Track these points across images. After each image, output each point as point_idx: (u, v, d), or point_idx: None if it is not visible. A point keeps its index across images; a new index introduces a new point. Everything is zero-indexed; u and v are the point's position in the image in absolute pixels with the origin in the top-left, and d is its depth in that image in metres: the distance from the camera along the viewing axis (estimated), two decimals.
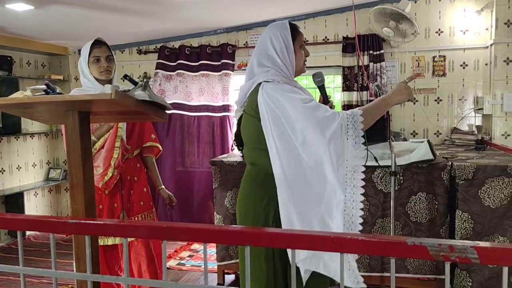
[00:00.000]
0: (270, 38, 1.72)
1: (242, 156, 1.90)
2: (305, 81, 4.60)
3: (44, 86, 1.47)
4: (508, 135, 3.77)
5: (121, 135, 2.30)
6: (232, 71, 4.57)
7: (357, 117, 1.55)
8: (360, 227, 1.56)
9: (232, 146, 4.58)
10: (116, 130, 2.27)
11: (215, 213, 3.14)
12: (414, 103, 4.17)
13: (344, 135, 1.55)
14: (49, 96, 1.39)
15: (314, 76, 1.78)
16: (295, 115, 1.57)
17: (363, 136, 1.58)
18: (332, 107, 1.74)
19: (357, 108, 1.61)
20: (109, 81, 2.27)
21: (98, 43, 2.24)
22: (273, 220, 1.66)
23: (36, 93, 1.46)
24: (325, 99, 1.74)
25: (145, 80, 1.45)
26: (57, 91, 1.48)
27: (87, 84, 2.26)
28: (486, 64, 3.98)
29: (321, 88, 1.77)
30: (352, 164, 1.57)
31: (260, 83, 1.67)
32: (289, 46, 1.71)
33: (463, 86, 4.08)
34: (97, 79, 2.24)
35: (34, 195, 4.83)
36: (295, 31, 1.76)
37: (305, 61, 1.79)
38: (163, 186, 2.59)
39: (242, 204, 1.79)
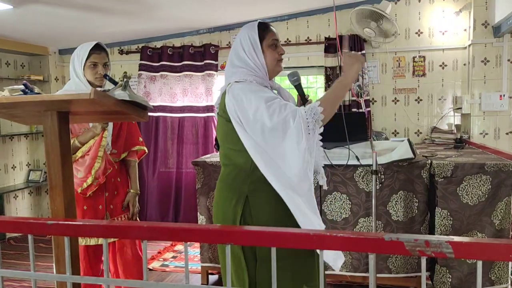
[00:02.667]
0: (240, 40, 1.75)
1: None
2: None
3: (22, 86, 1.45)
4: (486, 133, 3.86)
5: (105, 145, 2.27)
6: (216, 71, 4.57)
7: (315, 109, 1.55)
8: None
9: (215, 146, 4.58)
10: (101, 139, 2.25)
11: (198, 213, 3.13)
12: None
13: (305, 131, 1.54)
14: (27, 96, 1.37)
15: (289, 75, 1.79)
16: (254, 116, 1.58)
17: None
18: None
19: (316, 100, 1.61)
20: (101, 86, 2.26)
21: (98, 49, 2.22)
22: (241, 220, 1.67)
23: (14, 93, 1.44)
24: (302, 98, 1.75)
25: (125, 79, 1.44)
26: (35, 91, 1.46)
27: (79, 85, 2.23)
28: (464, 64, 4.07)
29: (298, 87, 1.78)
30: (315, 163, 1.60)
31: (230, 84, 1.70)
32: (257, 47, 1.71)
33: (442, 86, 4.16)
34: (90, 83, 2.22)
35: (14, 197, 4.74)
36: (264, 31, 1.74)
37: (280, 60, 1.77)
38: (133, 191, 2.45)
39: (215, 206, 1.82)
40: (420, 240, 0.88)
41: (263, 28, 1.75)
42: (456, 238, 0.89)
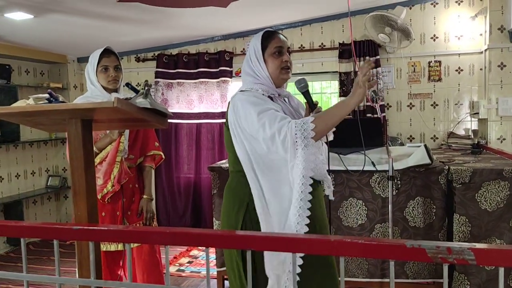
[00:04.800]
0: (249, 49, 1.80)
1: None
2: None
3: (46, 95, 1.49)
4: (504, 139, 3.81)
5: (123, 150, 2.31)
6: (230, 78, 4.62)
7: (307, 124, 1.55)
8: None
9: None
10: (118, 145, 2.28)
11: (214, 219, 3.16)
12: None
13: (293, 145, 1.56)
14: (52, 105, 1.41)
15: (296, 82, 1.79)
16: (248, 128, 1.63)
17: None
18: (320, 111, 1.75)
19: (311, 115, 1.62)
20: (116, 90, 2.30)
21: (107, 53, 2.28)
22: (242, 226, 1.69)
23: (39, 102, 1.48)
24: (311, 105, 1.75)
25: (146, 88, 1.47)
26: (60, 99, 1.50)
27: (94, 92, 2.28)
28: (481, 69, 4.03)
29: (306, 94, 1.78)
30: (301, 175, 1.58)
31: (236, 93, 1.76)
32: (259, 56, 1.74)
33: (458, 90, 4.13)
34: (104, 88, 2.27)
35: (33, 203, 4.83)
36: (267, 40, 1.75)
37: (286, 67, 1.75)
38: (146, 197, 2.45)
39: (221, 211, 1.85)
40: (442, 247, 0.88)
41: (267, 37, 1.76)
42: (478, 245, 0.89)
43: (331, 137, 1.82)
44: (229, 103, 1.77)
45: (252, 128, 1.62)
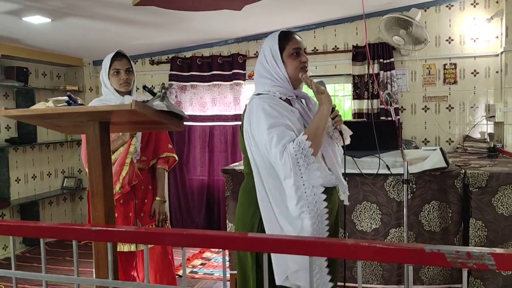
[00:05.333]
0: (264, 51, 1.77)
1: None
2: None
3: (66, 97, 1.52)
4: None
5: (133, 152, 2.32)
6: (244, 80, 4.63)
7: (303, 143, 1.57)
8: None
9: None
10: (129, 146, 2.30)
11: (227, 221, 3.16)
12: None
13: (294, 167, 1.57)
14: (72, 107, 1.43)
15: None
16: (258, 136, 1.64)
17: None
18: (337, 115, 1.75)
19: (302, 134, 1.61)
20: (128, 92, 2.33)
21: (119, 56, 2.31)
22: (257, 230, 1.70)
23: (59, 104, 1.51)
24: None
25: (163, 91, 1.49)
26: (79, 102, 1.52)
27: (108, 95, 2.32)
28: (497, 72, 3.98)
29: None
30: (310, 190, 1.60)
31: (252, 96, 1.75)
32: (277, 57, 1.72)
33: (474, 93, 4.08)
34: (117, 90, 2.30)
35: (49, 203, 4.90)
36: (284, 41, 1.74)
37: (304, 68, 1.75)
38: (159, 198, 2.47)
39: (236, 212, 1.86)
40: (461, 252, 0.87)
41: (284, 38, 1.75)
42: (498, 250, 0.88)
43: (347, 141, 1.81)
44: (246, 105, 1.78)
45: (260, 139, 1.63)
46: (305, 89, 1.94)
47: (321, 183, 1.61)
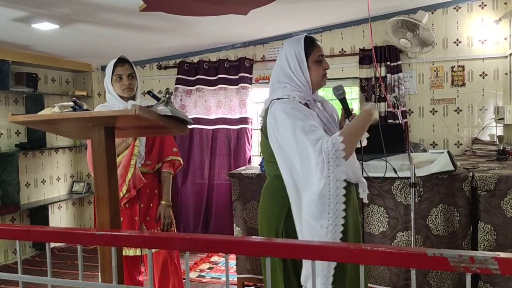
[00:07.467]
0: (286, 55, 1.76)
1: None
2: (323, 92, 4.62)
3: (71, 103, 1.53)
4: None
5: (137, 154, 2.33)
6: (250, 84, 4.64)
7: (337, 145, 1.54)
8: None
9: (249, 158, 4.64)
10: (133, 148, 2.31)
11: (234, 225, 3.17)
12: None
13: (326, 170, 1.54)
14: (77, 113, 1.45)
15: (334, 89, 1.80)
16: (288, 142, 1.62)
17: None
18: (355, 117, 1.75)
19: (338, 134, 1.58)
20: (132, 98, 2.34)
21: (121, 62, 2.32)
22: (283, 231, 1.69)
23: (64, 110, 1.53)
24: (346, 112, 1.76)
25: (167, 96, 1.50)
26: (84, 107, 1.54)
27: (112, 100, 2.34)
28: (506, 74, 3.94)
29: (342, 100, 1.78)
30: (334, 196, 1.57)
31: (273, 101, 1.73)
32: (303, 63, 1.72)
33: (483, 96, 4.04)
34: (120, 96, 2.32)
35: (58, 208, 4.94)
36: (309, 47, 1.75)
37: (325, 74, 1.79)
38: (165, 202, 2.46)
39: (260, 215, 1.85)
40: (464, 256, 0.86)
41: (309, 44, 1.75)
42: (502, 254, 0.87)
43: (364, 143, 1.81)
44: (265, 111, 1.76)
45: (286, 143, 1.62)
46: (321, 92, 1.95)
47: (344, 178, 1.59)
